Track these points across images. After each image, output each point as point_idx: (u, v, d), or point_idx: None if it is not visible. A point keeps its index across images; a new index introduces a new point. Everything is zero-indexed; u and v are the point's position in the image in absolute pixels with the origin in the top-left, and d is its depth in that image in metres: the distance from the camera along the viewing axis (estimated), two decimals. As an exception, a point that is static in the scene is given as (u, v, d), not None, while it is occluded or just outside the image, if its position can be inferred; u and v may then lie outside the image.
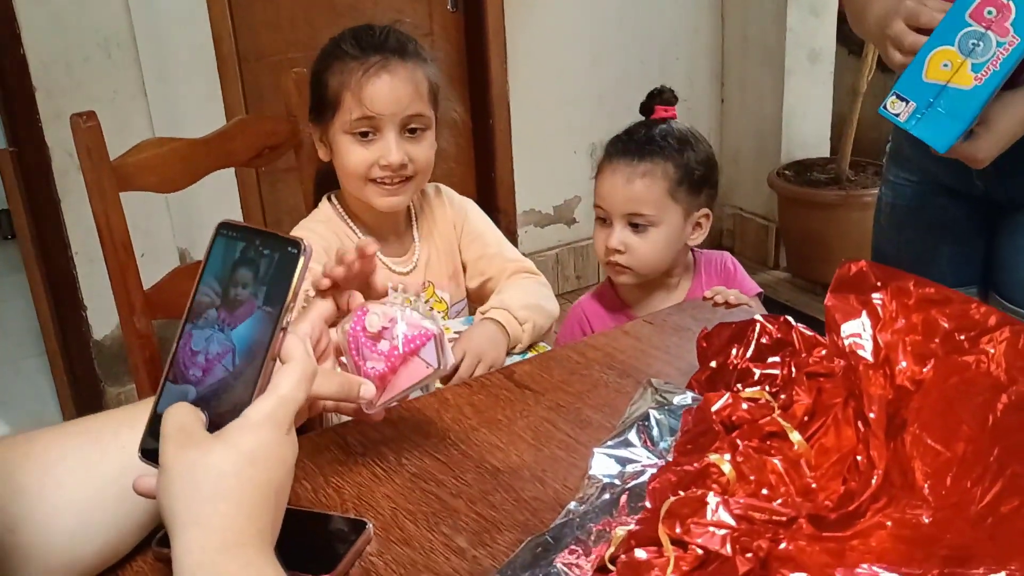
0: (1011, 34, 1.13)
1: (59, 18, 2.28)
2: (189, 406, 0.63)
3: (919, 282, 0.77)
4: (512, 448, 0.92)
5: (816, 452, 0.71)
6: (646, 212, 1.39)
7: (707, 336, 0.96)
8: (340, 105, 1.25)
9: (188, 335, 0.65)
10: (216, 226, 0.66)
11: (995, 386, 0.71)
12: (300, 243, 0.64)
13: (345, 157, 1.26)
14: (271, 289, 0.63)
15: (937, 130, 1.22)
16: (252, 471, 0.59)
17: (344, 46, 1.27)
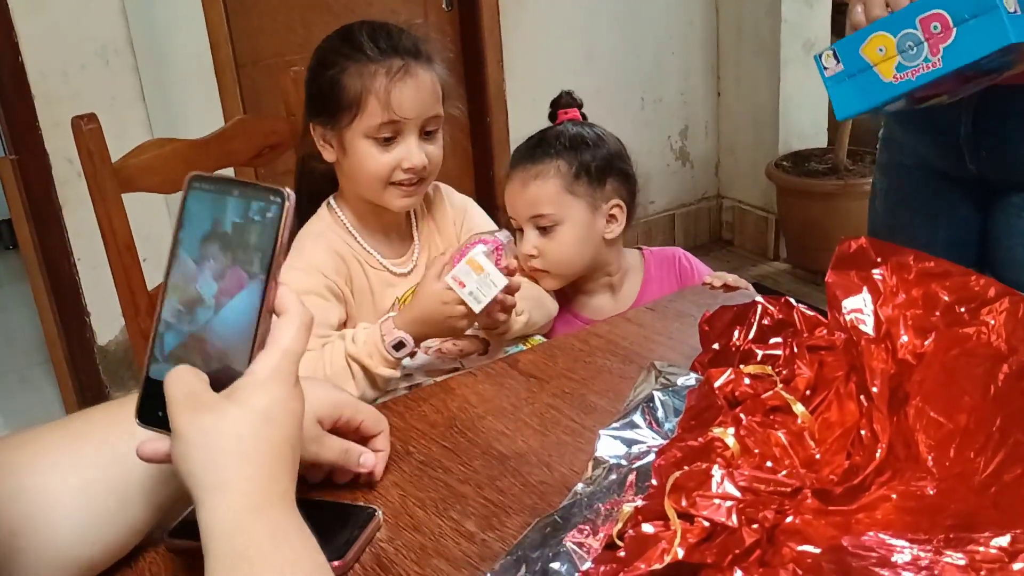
0: (938, 56, 1.16)
1: (56, 27, 2.29)
2: (190, 368, 0.61)
3: (919, 256, 0.77)
4: (518, 434, 0.93)
5: (819, 426, 0.72)
6: (546, 211, 1.39)
7: (709, 320, 0.96)
8: (363, 109, 1.22)
9: (172, 294, 0.63)
10: (187, 179, 0.63)
11: (996, 356, 0.71)
12: (282, 192, 0.61)
13: (367, 162, 1.24)
14: (257, 242, 0.61)
15: (846, 99, 1.26)
16: (269, 430, 0.59)
17: (361, 47, 1.24)
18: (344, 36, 1.27)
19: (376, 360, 1.18)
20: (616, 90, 3.21)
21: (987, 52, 1.13)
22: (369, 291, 1.30)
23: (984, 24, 1.12)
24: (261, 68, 2.67)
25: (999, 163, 1.38)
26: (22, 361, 2.98)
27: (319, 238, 1.30)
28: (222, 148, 1.47)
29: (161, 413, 0.61)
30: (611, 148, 1.43)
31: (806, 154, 3.24)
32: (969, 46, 1.14)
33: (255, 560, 0.56)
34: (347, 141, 1.25)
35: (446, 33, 2.97)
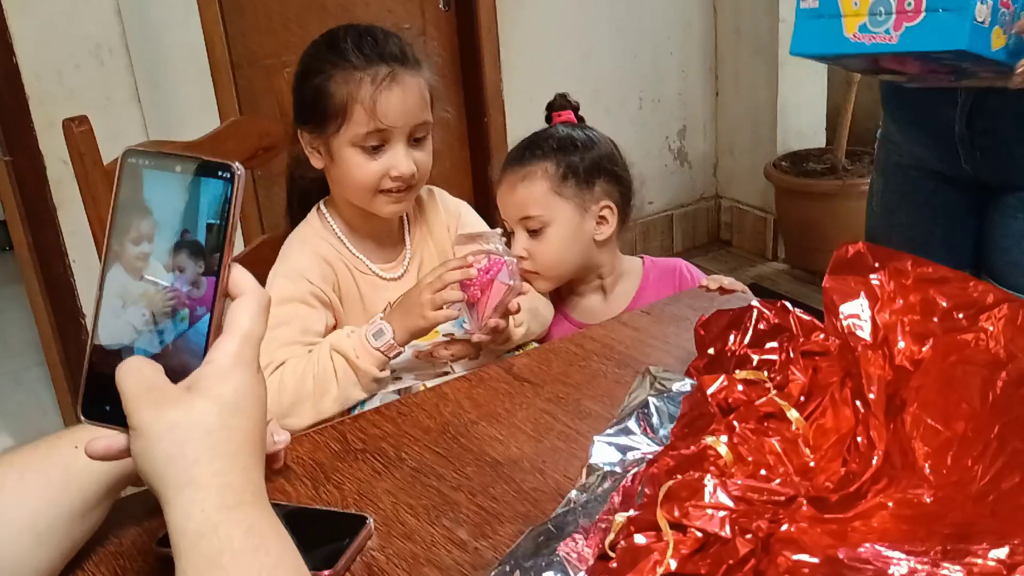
0: (899, 33, 1.16)
1: (50, 27, 2.28)
2: (143, 359, 0.57)
3: (916, 262, 0.76)
4: (512, 440, 0.92)
5: (815, 433, 0.71)
6: (534, 213, 1.38)
7: (704, 324, 0.96)
8: (349, 118, 1.20)
9: (113, 279, 0.58)
10: (122, 154, 0.58)
11: (994, 363, 0.71)
12: (231, 166, 0.56)
13: (354, 170, 1.23)
14: (208, 220, 0.56)
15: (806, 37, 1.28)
16: (237, 420, 0.57)
17: (346, 53, 1.21)
18: (329, 42, 1.24)
19: (361, 354, 1.17)
20: (614, 90, 3.19)
21: (940, 48, 1.13)
22: (359, 296, 1.29)
23: (950, 21, 1.11)
24: (257, 68, 2.65)
25: (994, 164, 1.38)
26: (16, 363, 2.96)
27: (305, 244, 1.29)
28: (216, 150, 1.46)
29: (109, 408, 0.57)
30: (601, 150, 1.42)
31: (804, 154, 3.23)
32: (928, 36, 1.14)
33: (230, 567, 0.53)
34: (334, 149, 1.24)
35: (443, 33, 2.96)
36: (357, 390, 1.18)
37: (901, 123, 1.51)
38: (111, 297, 0.58)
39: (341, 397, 1.17)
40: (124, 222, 0.57)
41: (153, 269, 0.57)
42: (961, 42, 1.11)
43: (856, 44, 1.21)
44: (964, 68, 1.21)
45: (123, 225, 0.57)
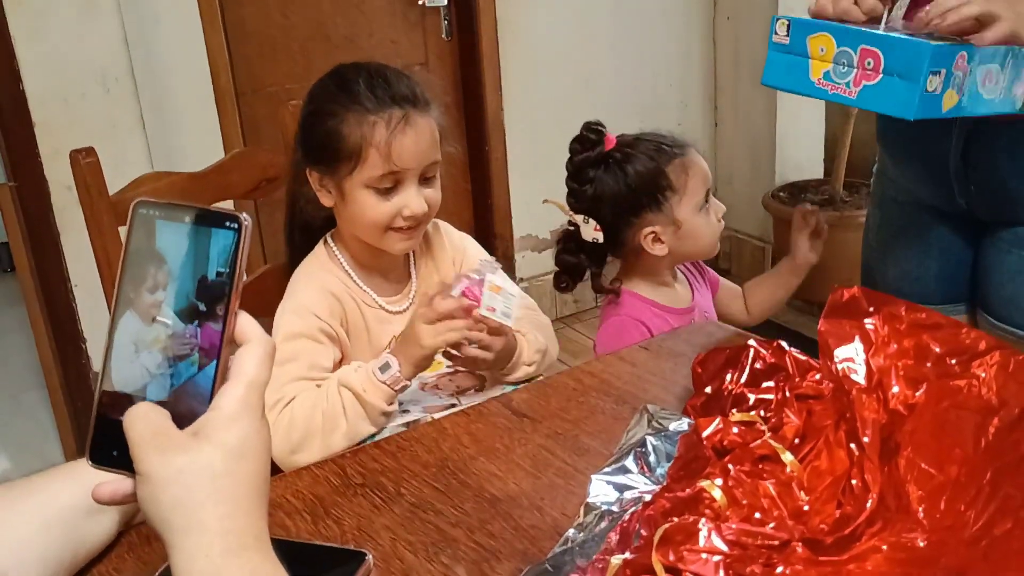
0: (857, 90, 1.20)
1: (57, 53, 2.30)
2: (151, 405, 0.58)
3: (910, 307, 0.78)
4: (510, 476, 0.93)
5: (809, 475, 0.72)
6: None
7: (702, 361, 0.97)
8: (363, 160, 1.21)
9: (123, 326, 0.59)
10: (133, 206, 0.59)
11: (987, 409, 0.72)
12: (238, 216, 0.58)
13: (368, 211, 1.24)
14: (215, 270, 0.58)
15: (776, 69, 1.34)
16: (243, 466, 0.58)
17: (359, 96, 1.22)
18: (339, 83, 1.25)
19: (368, 389, 1.18)
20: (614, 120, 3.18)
21: (892, 114, 1.16)
22: (365, 329, 1.30)
23: (902, 88, 1.15)
24: (261, 97, 2.68)
25: (988, 199, 1.39)
26: (17, 386, 2.97)
27: (312, 278, 1.30)
28: (220, 180, 1.48)
29: (116, 453, 0.58)
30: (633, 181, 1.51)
31: (803, 185, 3.25)
32: (881, 98, 1.18)
33: None
34: (347, 189, 1.25)
35: (445, 62, 2.99)
36: (366, 424, 1.19)
37: (896, 158, 1.53)
38: (121, 342, 0.59)
39: (351, 432, 1.18)
40: (135, 270, 0.59)
41: (163, 315, 0.59)
42: (910, 112, 1.15)
43: (819, 90, 1.25)
44: None
45: (134, 272, 0.59)
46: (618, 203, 1.51)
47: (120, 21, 2.36)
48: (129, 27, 2.38)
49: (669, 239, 1.51)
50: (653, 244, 1.51)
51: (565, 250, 1.60)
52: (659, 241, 1.51)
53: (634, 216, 1.51)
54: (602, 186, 1.52)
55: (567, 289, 1.62)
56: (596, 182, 1.52)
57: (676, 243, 1.52)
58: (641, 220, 1.51)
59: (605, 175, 1.52)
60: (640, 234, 1.51)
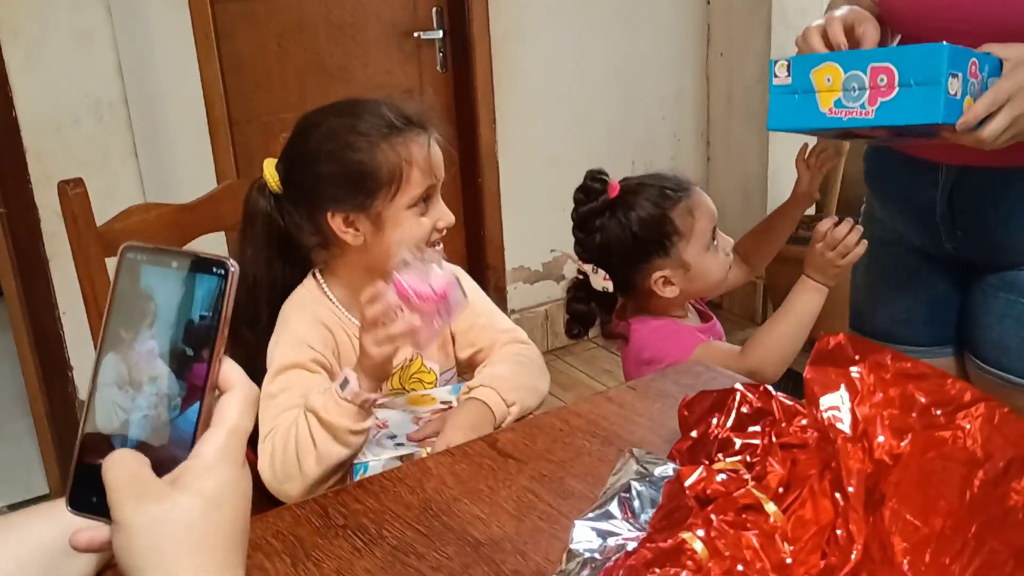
0: (874, 108, 1.21)
1: (51, 81, 2.31)
2: (130, 452, 0.58)
3: (896, 356, 0.77)
4: (494, 519, 0.92)
5: (793, 524, 0.71)
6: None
7: (688, 404, 0.96)
8: (405, 181, 1.24)
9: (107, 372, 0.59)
10: (121, 250, 0.59)
11: (972, 461, 0.71)
12: (226, 263, 0.58)
13: (412, 231, 1.26)
14: (200, 315, 0.58)
15: (782, 113, 1.33)
16: (219, 515, 0.57)
17: (392, 122, 1.25)
18: (350, 123, 1.25)
19: (331, 408, 1.16)
20: (607, 154, 3.23)
21: (918, 122, 1.16)
22: (355, 356, 1.30)
23: (924, 95, 1.15)
24: (255, 126, 2.69)
25: (975, 243, 1.39)
26: (1, 415, 2.95)
27: (303, 310, 1.30)
28: (209, 212, 1.48)
29: (95, 499, 0.57)
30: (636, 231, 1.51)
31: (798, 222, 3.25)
32: (904, 110, 1.18)
33: None
34: (386, 217, 1.25)
35: (440, 94, 3.00)
36: (335, 446, 1.16)
37: (884, 201, 1.53)
38: (105, 384, 0.59)
39: (322, 456, 1.16)
40: (121, 313, 0.59)
41: (148, 359, 0.59)
42: (936, 116, 1.15)
43: (833, 119, 1.25)
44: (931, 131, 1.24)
45: (120, 316, 0.59)
46: (625, 250, 1.51)
47: (115, 50, 2.38)
48: (124, 56, 2.39)
49: (679, 281, 1.52)
50: (664, 287, 1.52)
51: (576, 298, 1.60)
52: (669, 284, 1.52)
53: (642, 262, 1.52)
54: (608, 234, 1.52)
55: (579, 336, 1.63)
56: (602, 230, 1.52)
57: (686, 284, 1.53)
58: (650, 265, 1.52)
59: (611, 223, 1.52)
60: (650, 279, 1.52)
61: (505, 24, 2.95)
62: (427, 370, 1.36)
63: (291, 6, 2.72)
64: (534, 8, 3.00)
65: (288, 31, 2.72)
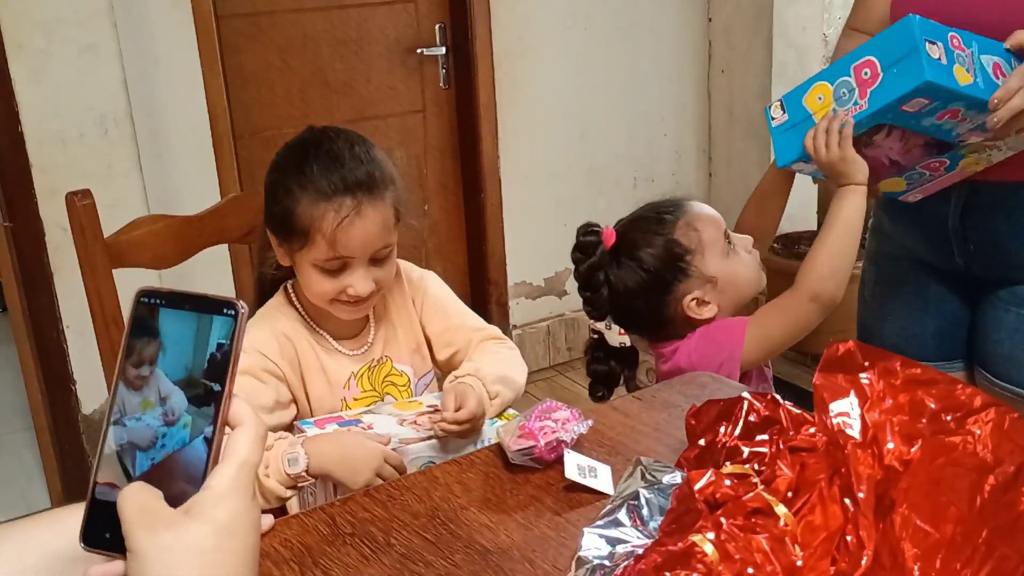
0: (866, 99, 1.23)
1: (57, 96, 2.32)
2: (145, 486, 0.59)
3: (905, 363, 0.77)
4: (502, 527, 0.92)
5: (803, 530, 0.71)
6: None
7: (696, 413, 0.96)
8: (310, 242, 1.22)
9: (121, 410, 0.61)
10: (136, 294, 0.62)
11: (982, 467, 0.71)
12: (235, 304, 0.60)
13: (311, 285, 1.25)
14: (211, 355, 0.60)
15: (787, 147, 1.37)
16: (231, 543, 0.58)
17: (309, 180, 1.22)
18: (298, 162, 1.24)
19: (272, 472, 1.17)
20: (609, 170, 3.24)
21: (907, 89, 1.19)
22: (321, 368, 1.30)
23: (906, 66, 1.20)
24: (258, 140, 2.70)
25: (986, 258, 1.40)
26: (3, 427, 2.94)
27: (264, 319, 1.31)
28: (215, 225, 1.48)
29: (109, 535, 0.59)
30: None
31: (796, 237, 3.26)
32: (892, 87, 1.22)
33: None
34: (297, 262, 1.26)
35: (442, 111, 3.01)
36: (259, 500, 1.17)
37: (893, 215, 1.54)
38: (119, 422, 0.61)
39: None
40: (135, 354, 0.61)
41: (161, 399, 0.61)
42: (922, 75, 1.18)
43: None
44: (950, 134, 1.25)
45: (134, 356, 0.61)
46: (645, 290, 1.42)
47: (120, 64, 2.38)
48: (129, 70, 2.40)
49: (712, 297, 1.42)
50: (700, 308, 1.42)
51: (594, 359, 1.52)
52: (704, 304, 1.42)
53: (667, 294, 1.42)
54: (622, 282, 1.43)
55: (604, 399, 1.52)
56: (612, 281, 1.44)
57: (721, 297, 1.43)
58: (675, 294, 1.42)
59: (620, 271, 1.43)
60: (682, 306, 1.42)
61: (508, 41, 2.96)
62: (399, 372, 1.36)
63: (295, 22, 2.73)
64: (536, 25, 3.01)
65: (292, 46, 2.73)
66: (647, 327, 1.47)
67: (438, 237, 3.12)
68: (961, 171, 1.32)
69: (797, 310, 1.39)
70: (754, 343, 1.39)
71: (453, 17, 2.93)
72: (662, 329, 1.46)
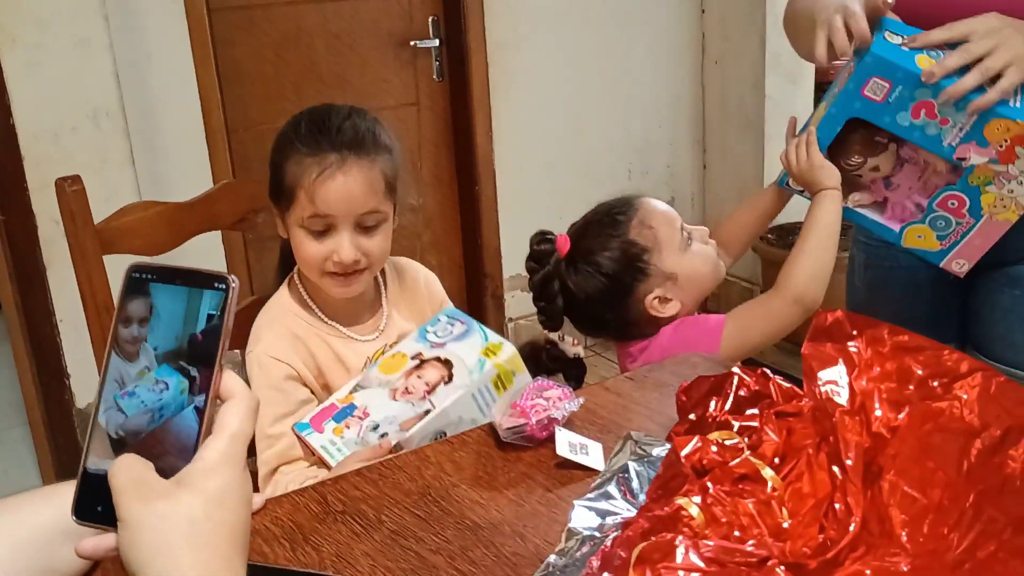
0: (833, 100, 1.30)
1: (49, 89, 2.31)
2: (136, 457, 0.60)
3: (893, 330, 0.78)
4: (492, 504, 0.92)
5: (792, 497, 0.71)
6: None
7: (686, 390, 0.96)
8: (295, 200, 1.23)
9: (113, 383, 0.62)
10: (127, 269, 0.63)
11: (969, 431, 0.71)
12: (226, 278, 0.61)
13: (299, 249, 1.25)
14: (203, 328, 0.61)
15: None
16: (222, 514, 0.59)
17: (299, 138, 1.23)
18: (294, 123, 1.26)
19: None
20: (604, 161, 3.24)
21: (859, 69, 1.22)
22: (337, 359, 1.29)
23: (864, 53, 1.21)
24: (252, 134, 2.69)
25: None
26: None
27: (273, 323, 1.29)
28: (207, 211, 1.48)
29: (100, 508, 0.59)
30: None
31: (790, 227, 3.26)
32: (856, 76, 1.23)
33: None
34: (288, 225, 1.26)
35: (436, 103, 3.01)
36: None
37: None
38: (110, 396, 0.62)
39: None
40: (128, 329, 0.62)
41: (153, 372, 0.61)
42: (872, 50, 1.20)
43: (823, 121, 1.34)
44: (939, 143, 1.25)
45: (126, 331, 0.62)
46: (606, 294, 1.42)
47: (112, 58, 2.38)
48: (121, 64, 2.40)
49: (674, 293, 1.42)
50: (662, 306, 1.42)
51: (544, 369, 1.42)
52: (666, 301, 1.42)
53: (627, 296, 1.42)
54: (582, 289, 1.42)
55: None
56: (571, 286, 1.43)
57: (682, 292, 1.43)
58: (637, 294, 1.42)
59: (577, 278, 1.42)
60: (644, 305, 1.42)
61: (501, 33, 2.96)
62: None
63: (288, 15, 2.73)
64: (530, 17, 3.01)
65: (285, 40, 2.73)
66: (608, 328, 1.47)
67: (433, 231, 3.12)
68: (990, 215, 1.28)
69: (780, 312, 1.40)
70: (731, 342, 1.40)
71: (446, 9, 2.93)
72: (625, 330, 1.46)
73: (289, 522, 0.91)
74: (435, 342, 1.25)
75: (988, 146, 1.21)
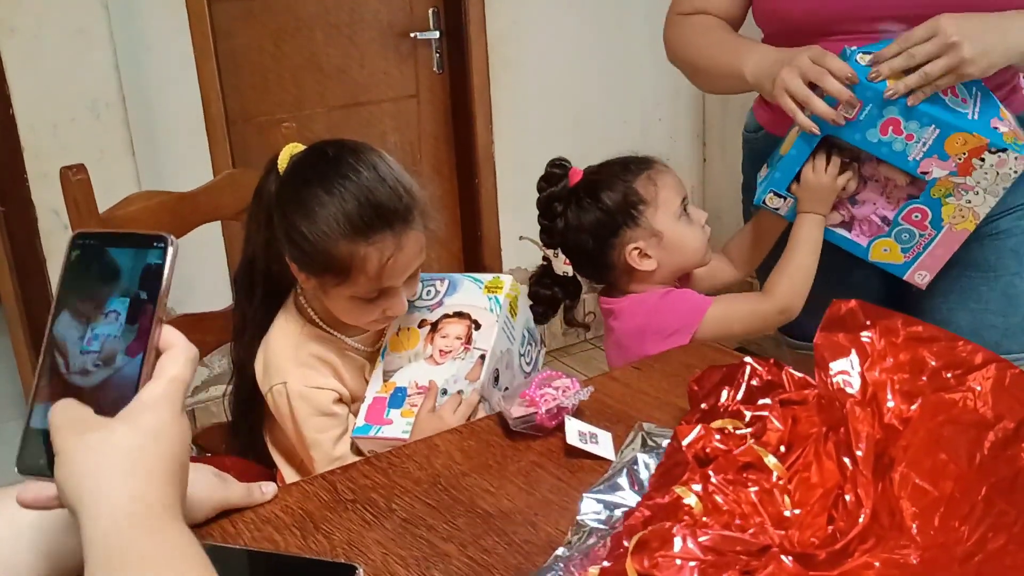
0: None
1: (49, 79, 2.31)
2: (75, 401, 0.62)
3: (907, 320, 0.78)
4: (503, 492, 0.92)
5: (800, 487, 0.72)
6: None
7: (698, 379, 0.96)
8: (350, 280, 1.17)
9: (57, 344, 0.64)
10: (71, 238, 0.66)
11: (981, 424, 0.72)
12: (166, 237, 0.64)
13: (350, 315, 1.23)
14: (142, 286, 0.64)
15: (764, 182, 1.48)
16: (156, 446, 0.60)
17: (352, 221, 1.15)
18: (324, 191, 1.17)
19: None
20: (603, 154, 3.20)
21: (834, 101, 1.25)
22: (358, 368, 1.30)
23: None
24: (252, 126, 2.69)
25: None
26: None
27: (297, 353, 1.26)
28: (210, 201, 1.48)
29: (43, 460, 0.62)
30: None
31: (790, 221, 3.27)
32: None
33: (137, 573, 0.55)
34: (331, 295, 1.22)
35: (436, 96, 3.01)
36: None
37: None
38: (55, 350, 0.65)
39: None
40: (73, 288, 0.65)
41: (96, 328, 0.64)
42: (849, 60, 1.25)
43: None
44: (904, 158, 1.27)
45: (72, 291, 0.65)
46: (596, 229, 1.49)
47: (112, 48, 2.37)
48: (121, 54, 2.39)
49: (654, 251, 1.49)
50: (640, 260, 1.49)
51: (539, 283, 1.58)
52: (645, 256, 1.49)
53: (613, 236, 1.49)
54: (577, 218, 1.50)
55: (545, 318, 1.60)
56: (569, 215, 1.50)
57: (663, 255, 1.50)
58: (622, 239, 1.49)
59: (577, 208, 1.50)
60: (624, 252, 1.49)
61: (501, 25, 2.96)
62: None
63: (288, 6, 2.72)
64: (530, 9, 3.01)
65: (285, 31, 2.73)
66: (589, 265, 1.54)
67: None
68: (950, 227, 1.32)
69: (765, 315, 1.52)
70: (712, 325, 1.47)
71: (447, 1, 2.92)
72: (602, 272, 1.55)
73: (299, 510, 0.91)
74: (431, 304, 1.28)
75: (948, 159, 1.25)
